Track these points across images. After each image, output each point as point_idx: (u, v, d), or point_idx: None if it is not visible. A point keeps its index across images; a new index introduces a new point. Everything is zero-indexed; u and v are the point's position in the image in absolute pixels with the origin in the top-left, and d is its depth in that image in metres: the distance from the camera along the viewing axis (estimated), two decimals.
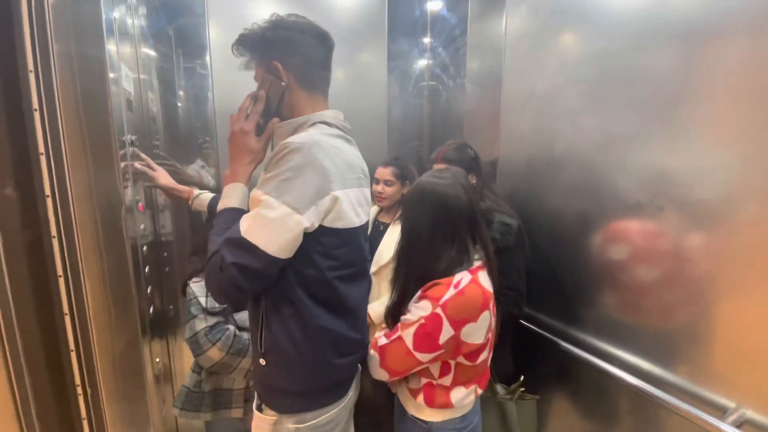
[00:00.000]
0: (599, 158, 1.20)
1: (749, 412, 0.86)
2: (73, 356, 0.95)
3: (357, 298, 0.92)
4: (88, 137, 0.95)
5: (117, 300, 1.04)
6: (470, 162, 1.36)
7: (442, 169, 1.09)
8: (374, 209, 1.71)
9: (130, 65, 1.29)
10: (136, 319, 1.11)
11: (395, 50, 2.00)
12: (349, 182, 0.86)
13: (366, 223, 0.97)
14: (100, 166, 0.99)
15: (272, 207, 0.74)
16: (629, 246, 1.12)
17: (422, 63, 2.15)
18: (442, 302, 0.90)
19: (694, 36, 0.94)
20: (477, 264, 0.98)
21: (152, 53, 1.58)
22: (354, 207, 0.87)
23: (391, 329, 0.99)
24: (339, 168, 0.82)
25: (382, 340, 0.98)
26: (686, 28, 0.95)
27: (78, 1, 0.94)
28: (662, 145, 1.01)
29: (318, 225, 0.80)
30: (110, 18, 1.08)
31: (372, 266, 1.56)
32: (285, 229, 0.75)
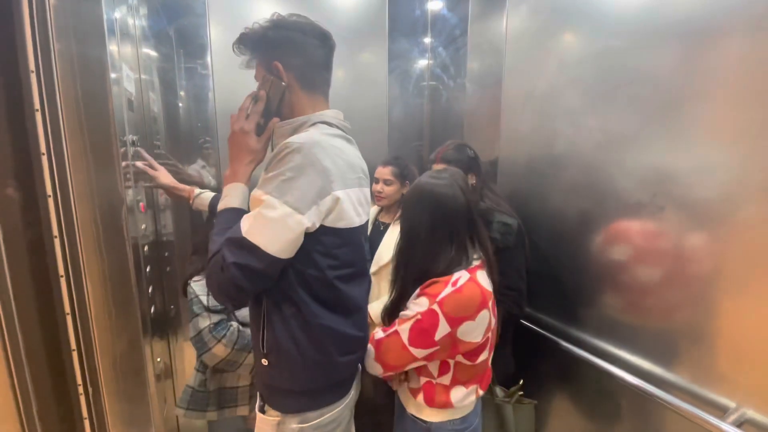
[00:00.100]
0: (600, 158, 1.20)
1: (750, 412, 0.86)
2: (75, 356, 0.96)
3: (358, 298, 0.92)
4: (89, 137, 0.95)
5: (118, 300, 1.04)
6: (469, 162, 1.36)
7: (441, 170, 1.09)
8: (374, 209, 1.71)
9: (131, 65, 1.30)
10: (138, 319, 1.12)
11: (396, 50, 2.00)
12: (350, 182, 0.86)
13: (366, 223, 0.97)
14: (101, 166, 0.99)
15: (273, 207, 0.74)
16: (630, 246, 1.12)
17: (423, 63, 2.15)
18: (439, 299, 0.90)
19: (695, 35, 0.94)
20: (476, 263, 0.98)
21: (153, 53, 1.58)
22: (355, 207, 0.87)
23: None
24: (340, 168, 0.82)
25: (379, 334, 0.99)
26: (686, 28, 0.95)
27: (79, 2, 0.94)
28: (663, 145, 1.01)
29: (319, 225, 0.80)
30: (111, 18, 1.08)
31: (372, 266, 1.56)
32: (286, 229, 0.75)
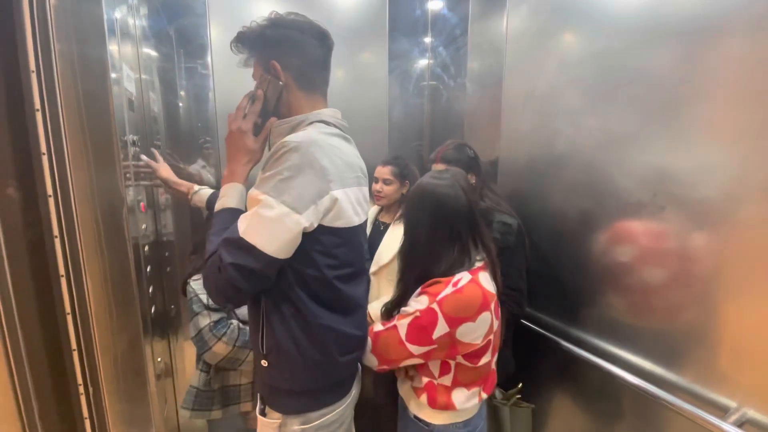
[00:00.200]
0: (600, 157, 1.20)
1: (751, 412, 0.86)
2: (75, 355, 0.96)
3: (357, 297, 0.92)
4: (90, 137, 0.95)
5: (119, 299, 1.05)
6: (469, 162, 1.36)
7: (442, 170, 1.08)
8: (374, 209, 1.71)
9: (132, 65, 1.30)
10: (138, 319, 1.12)
11: (396, 50, 1.99)
12: (348, 181, 0.85)
13: (365, 222, 0.96)
14: (102, 166, 0.99)
15: (271, 206, 0.74)
16: (630, 245, 1.12)
17: (423, 63, 2.14)
18: (439, 299, 0.90)
19: (695, 35, 0.94)
20: (479, 264, 0.97)
21: (153, 53, 1.58)
22: (353, 206, 0.87)
23: None
24: (338, 167, 0.81)
25: (378, 327, 0.99)
26: (687, 27, 0.95)
27: (79, 2, 0.94)
28: (663, 145, 1.01)
29: (317, 225, 0.79)
30: (112, 18, 1.08)
31: (372, 266, 1.56)
32: (284, 229, 0.74)
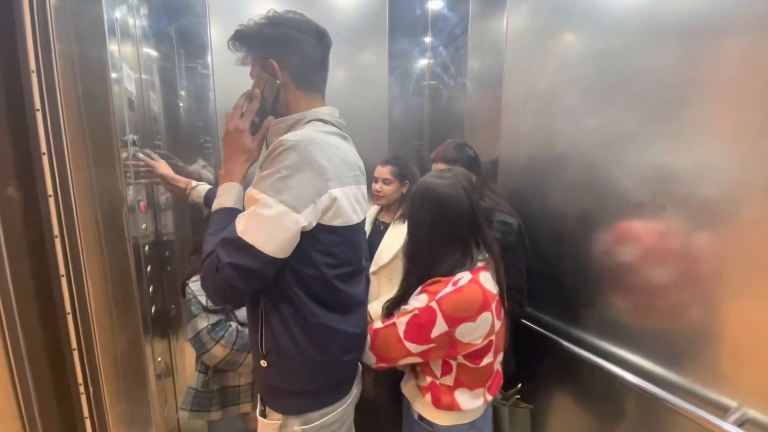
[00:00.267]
0: (600, 157, 1.20)
1: (751, 412, 0.86)
2: (76, 355, 0.96)
3: (357, 296, 0.92)
4: (90, 137, 0.95)
5: (119, 299, 1.05)
6: (469, 161, 1.36)
7: (445, 170, 1.07)
8: (374, 208, 1.71)
9: (132, 65, 1.30)
10: (138, 319, 1.12)
11: (396, 50, 1.99)
12: (347, 180, 0.85)
13: (363, 221, 0.96)
14: (102, 166, 0.99)
15: (269, 206, 0.73)
16: (631, 245, 1.12)
17: (423, 62, 2.14)
18: (438, 297, 0.90)
19: (695, 34, 0.93)
20: (480, 264, 0.97)
21: (154, 53, 1.58)
22: (352, 204, 0.86)
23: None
24: (336, 165, 0.81)
25: (377, 324, 0.99)
26: (687, 27, 0.95)
27: (79, 2, 0.94)
28: (663, 144, 1.01)
29: (316, 224, 0.79)
30: (112, 18, 1.08)
31: (372, 266, 1.56)
32: (282, 229, 0.74)
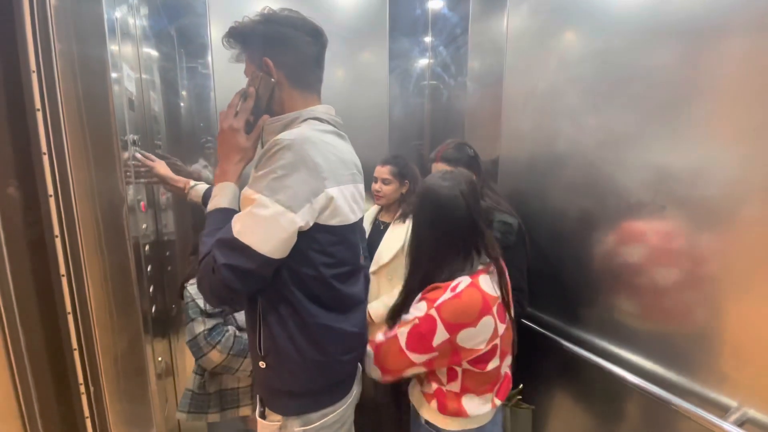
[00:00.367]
0: (600, 156, 1.20)
1: (751, 411, 0.86)
2: (76, 355, 0.96)
3: (355, 295, 0.91)
4: (90, 137, 0.95)
5: (119, 299, 1.05)
6: (469, 161, 1.36)
7: (447, 172, 1.05)
8: (374, 208, 1.71)
9: (132, 65, 1.30)
10: (138, 318, 1.12)
11: (396, 49, 1.99)
12: (343, 178, 0.84)
13: (361, 220, 0.95)
14: (102, 166, 0.99)
15: (265, 206, 0.73)
16: (631, 245, 1.12)
17: (423, 62, 2.14)
18: (437, 304, 0.88)
19: (696, 34, 0.93)
20: (480, 268, 0.95)
21: (154, 53, 1.59)
22: (349, 203, 0.86)
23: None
24: (332, 164, 0.80)
25: (379, 338, 0.98)
26: (687, 26, 0.95)
27: (80, 2, 0.94)
28: (664, 144, 1.01)
29: (313, 223, 0.78)
30: (112, 18, 1.08)
31: (372, 266, 1.56)
32: (279, 229, 0.73)
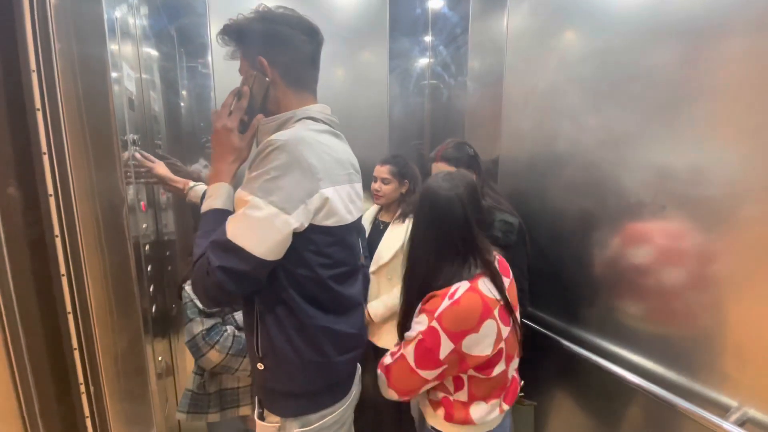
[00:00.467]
0: (601, 156, 1.20)
1: (752, 411, 0.86)
2: (76, 354, 0.96)
3: (353, 296, 0.90)
4: (90, 136, 0.95)
5: (119, 298, 1.05)
6: (469, 160, 1.36)
7: (448, 173, 1.03)
8: (374, 208, 1.71)
9: (132, 65, 1.30)
10: (139, 318, 1.12)
11: (396, 49, 1.99)
12: (339, 179, 0.83)
13: (358, 220, 0.94)
14: (102, 165, 0.99)
15: (259, 207, 0.72)
16: (632, 245, 1.12)
17: (423, 61, 2.14)
18: (437, 314, 0.86)
19: (696, 33, 0.93)
20: (479, 272, 0.93)
21: (154, 52, 1.59)
22: (345, 204, 0.85)
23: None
24: (327, 165, 0.79)
25: (387, 359, 0.96)
26: (688, 26, 0.95)
27: (80, 1, 0.94)
28: (664, 143, 1.01)
29: (308, 224, 0.77)
30: (112, 17, 1.08)
31: (372, 265, 1.56)
32: (273, 230, 0.72)
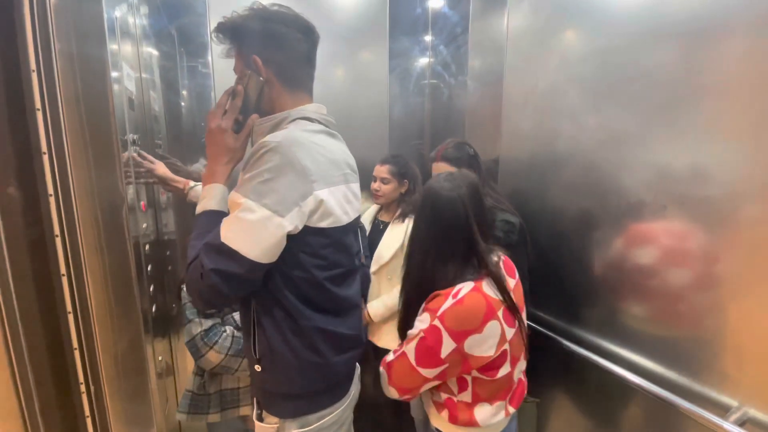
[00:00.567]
0: (601, 156, 1.19)
1: (752, 411, 0.86)
2: (77, 354, 0.96)
3: (350, 298, 0.90)
4: (90, 136, 0.95)
5: (119, 298, 1.05)
6: (469, 160, 1.36)
7: (450, 174, 1.02)
8: (374, 208, 1.71)
9: (132, 64, 1.30)
10: (139, 318, 1.12)
11: (396, 48, 1.99)
12: (334, 179, 0.83)
13: (355, 220, 0.93)
14: (102, 165, 0.99)
15: (252, 210, 0.71)
16: (632, 245, 1.12)
17: (423, 61, 2.14)
18: (440, 313, 0.86)
19: (697, 33, 0.93)
20: (483, 273, 0.93)
21: (154, 52, 1.58)
22: (341, 205, 0.84)
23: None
24: (321, 166, 0.79)
25: (389, 357, 0.96)
26: (689, 26, 0.94)
27: (80, 1, 0.94)
28: (665, 143, 1.00)
29: (302, 227, 0.77)
30: (112, 17, 1.08)
31: (372, 265, 1.56)
32: (266, 233, 0.72)
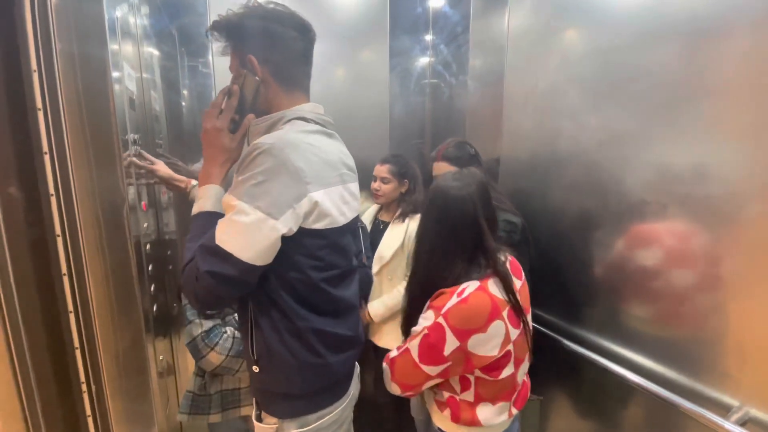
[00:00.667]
0: (602, 155, 1.19)
1: (753, 411, 0.86)
2: (78, 354, 0.96)
3: (347, 299, 0.89)
4: (91, 136, 0.95)
5: (120, 298, 1.05)
6: (470, 159, 1.36)
7: (458, 173, 1.01)
8: (374, 207, 1.71)
9: (133, 64, 1.30)
10: (140, 317, 1.12)
11: (397, 48, 1.99)
12: (330, 180, 0.82)
13: (353, 220, 0.92)
14: (103, 165, 0.99)
15: (245, 213, 0.71)
16: (633, 245, 1.12)
17: (424, 60, 2.14)
18: (444, 311, 0.86)
19: (698, 32, 0.93)
20: (489, 272, 0.92)
21: (155, 52, 1.58)
22: (338, 205, 0.83)
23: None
24: (315, 167, 0.78)
25: (393, 353, 0.96)
26: (690, 25, 0.94)
27: (80, 1, 0.94)
28: (666, 143, 1.00)
29: (297, 229, 0.76)
30: (113, 17, 1.08)
31: (373, 265, 1.56)
32: (260, 236, 0.72)
